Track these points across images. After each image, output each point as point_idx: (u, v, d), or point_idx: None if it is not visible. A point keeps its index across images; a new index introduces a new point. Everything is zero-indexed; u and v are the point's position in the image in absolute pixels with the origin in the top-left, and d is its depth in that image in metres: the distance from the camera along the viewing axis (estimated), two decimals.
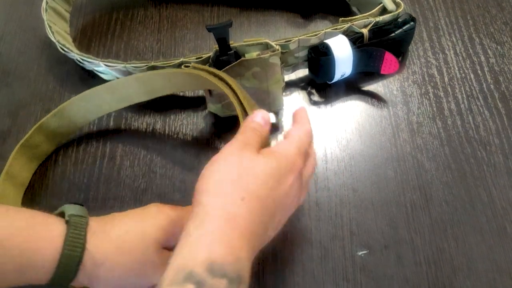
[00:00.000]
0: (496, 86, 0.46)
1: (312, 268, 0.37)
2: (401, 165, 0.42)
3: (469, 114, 0.45)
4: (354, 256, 0.37)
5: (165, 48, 0.50)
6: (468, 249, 0.37)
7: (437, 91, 0.46)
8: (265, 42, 0.39)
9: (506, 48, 0.49)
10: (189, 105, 0.46)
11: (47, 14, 0.47)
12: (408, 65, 0.48)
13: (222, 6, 0.53)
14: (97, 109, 0.43)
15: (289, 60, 0.44)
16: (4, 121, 0.45)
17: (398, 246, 0.38)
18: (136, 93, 0.42)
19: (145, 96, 0.42)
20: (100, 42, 0.51)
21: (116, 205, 0.40)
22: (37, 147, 0.41)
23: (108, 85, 0.41)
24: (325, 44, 0.42)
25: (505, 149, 0.42)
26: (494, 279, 0.36)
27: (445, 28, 0.50)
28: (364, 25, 0.43)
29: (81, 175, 0.42)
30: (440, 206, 0.39)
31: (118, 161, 0.43)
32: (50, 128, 0.42)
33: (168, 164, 0.42)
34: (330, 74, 0.43)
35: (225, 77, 0.36)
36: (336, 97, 0.46)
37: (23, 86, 0.48)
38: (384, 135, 0.43)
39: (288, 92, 0.46)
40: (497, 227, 0.38)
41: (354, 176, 0.41)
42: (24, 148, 0.40)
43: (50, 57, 0.50)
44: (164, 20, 0.52)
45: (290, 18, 0.52)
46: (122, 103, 0.43)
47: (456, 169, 0.41)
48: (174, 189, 0.41)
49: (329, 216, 0.39)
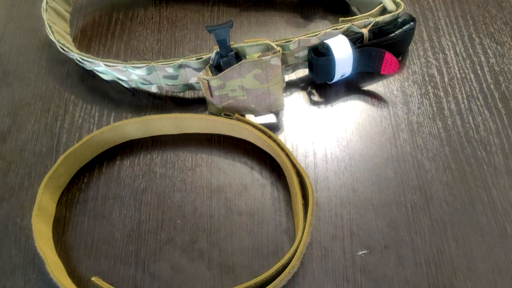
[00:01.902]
0: (496, 86, 0.46)
1: (312, 268, 0.37)
2: (401, 165, 0.42)
3: (469, 114, 0.45)
4: (354, 256, 0.37)
5: (165, 48, 0.50)
6: (469, 250, 0.37)
7: (437, 91, 0.46)
8: (265, 43, 0.39)
9: (506, 48, 0.49)
10: (189, 105, 0.46)
11: (47, 13, 0.47)
12: (408, 65, 0.48)
13: (222, 6, 0.53)
14: (121, 137, 0.43)
15: (289, 60, 0.44)
16: (4, 121, 0.46)
17: (398, 247, 0.38)
18: (167, 128, 0.42)
19: (175, 131, 0.43)
20: (100, 42, 0.51)
21: (116, 204, 0.40)
22: (60, 177, 0.40)
23: (143, 119, 0.41)
24: (325, 44, 0.42)
25: (505, 149, 0.42)
26: (494, 280, 0.36)
27: (445, 28, 0.50)
28: (364, 25, 0.43)
29: (81, 175, 0.42)
30: (440, 207, 0.39)
31: (118, 161, 0.43)
32: (75, 157, 0.41)
33: (168, 164, 0.42)
34: (330, 74, 0.43)
35: (269, 132, 0.38)
36: (336, 97, 0.46)
37: (23, 86, 0.48)
38: (384, 135, 0.43)
39: (288, 92, 0.46)
40: (497, 228, 0.38)
41: (354, 176, 0.41)
42: (51, 180, 0.39)
43: (50, 57, 0.50)
44: (164, 20, 0.52)
45: (290, 18, 0.52)
46: (149, 134, 0.43)
47: (456, 169, 0.41)
48: (174, 189, 0.41)
49: (329, 216, 0.39)
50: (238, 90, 0.41)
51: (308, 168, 0.42)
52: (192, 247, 0.38)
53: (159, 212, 0.40)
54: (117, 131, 0.41)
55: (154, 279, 0.37)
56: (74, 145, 0.40)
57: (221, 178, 0.41)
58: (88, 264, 0.38)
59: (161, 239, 0.39)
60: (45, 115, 0.46)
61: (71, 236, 0.39)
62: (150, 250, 0.38)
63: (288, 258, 0.35)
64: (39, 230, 0.37)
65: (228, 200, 0.40)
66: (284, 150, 0.39)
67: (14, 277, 0.37)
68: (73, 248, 0.38)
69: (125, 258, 0.38)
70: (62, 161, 0.39)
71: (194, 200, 0.40)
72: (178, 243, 0.38)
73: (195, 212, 0.40)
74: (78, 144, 0.40)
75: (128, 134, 0.42)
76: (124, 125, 0.41)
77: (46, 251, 0.36)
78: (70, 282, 0.36)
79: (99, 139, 0.41)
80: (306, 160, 0.42)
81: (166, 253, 0.38)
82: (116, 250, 0.38)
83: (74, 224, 0.40)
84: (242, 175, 0.41)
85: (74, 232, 0.39)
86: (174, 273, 0.37)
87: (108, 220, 0.40)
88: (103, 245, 0.38)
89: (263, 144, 0.40)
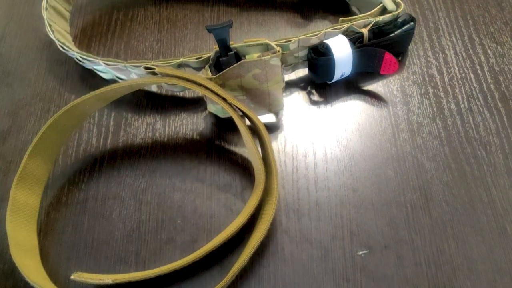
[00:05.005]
0: (496, 86, 0.46)
1: (312, 268, 0.37)
2: (401, 165, 0.42)
3: (469, 114, 0.45)
4: (354, 256, 0.37)
5: (165, 48, 0.50)
6: (468, 250, 0.37)
7: (437, 91, 0.46)
8: (265, 43, 0.39)
9: (506, 48, 0.49)
10: (189, 105, 0.46)
11: (47, 12, 0.47)
12: (408, 65, 0.48)
13: (222, 6, 0.53)
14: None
15: (289, 60, 0.44)
16: (4, 121, 0.46)
17: (398, 246, 0.38)
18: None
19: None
20: (100, 42, 0.51)
21: (116, 204, 0.40)
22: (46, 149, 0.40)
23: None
24: (325, 44, 0.42)
25: (505, 149, 0.42)
26: (494, 280, 0.36)
27: (445, 28, 0.50)
28: (364, 25, 0.43)
29: (81, 175, 0.42)
30: (440, 206, 0.39)
31: (118, 161, 0.43)
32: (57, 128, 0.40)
33: (168, 164, 0.42)
34: (329, 74, 0.43)
35: (198, 79, 0.37)
36: (336, 97, 0.46)
37: (23, 86, 0.48)
38: (384, 135, 0.43)
39: (288, 92, 0.46)
40: (497, 227, 0.38)
41: (354, 176, 0.41)
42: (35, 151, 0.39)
43: (50, 57, 0.50)
44: (164, 20, 0.52)
45: (290, 18, 0.52)
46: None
47: (456, 169, 0.41)
48: (174, 189, 0.41)
49: (329, 216, 0.39)
50: (237, 90, 0.41)
51: (308, 168, 0.42)
52: (192, 247, 0.38)
53: (159, 212, 0.40)
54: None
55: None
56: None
57: (221, 178, 0.41)
58: (88, 264, 0.38)
59: (161, 239, 0.39)
60: (45, 115, 0.46)
61: (71, 236, 0.39)
62: (150, 250, 0.38)
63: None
64: (14, 235, 0.36)
65: (228, 200, 0.40)
66: (210, 89, 0.38)
67: (14, 277, 0.37)
68: (73, 248, 0.38)
69: (125, 258, 0.38)
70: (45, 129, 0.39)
71: (194, 200, 0.40)
72: (178, 243, 0.38)
73: (195, 212, 0.40)
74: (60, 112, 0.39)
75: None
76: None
77: (20, 257, 0.35)
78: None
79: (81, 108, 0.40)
80: (306, 160, 0.42)
81: (166, 253, 0.38)
82: (116, 250, 0.38)
83: (74, 224, 0.39)
84: (242, 174, 0.41)
85: (74, 232, 0.39)
86: (174, 273, 0.37)
87: (108, 220, 0.40)
88: (103, 245, 0.38)
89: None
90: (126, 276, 0.35)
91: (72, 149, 0.44)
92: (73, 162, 0.43)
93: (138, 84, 0.41)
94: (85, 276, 0.35)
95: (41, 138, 0.39)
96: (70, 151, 0.43)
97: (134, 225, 0.39)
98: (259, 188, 0.37)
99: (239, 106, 0.38)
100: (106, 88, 0.39)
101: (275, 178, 0.37)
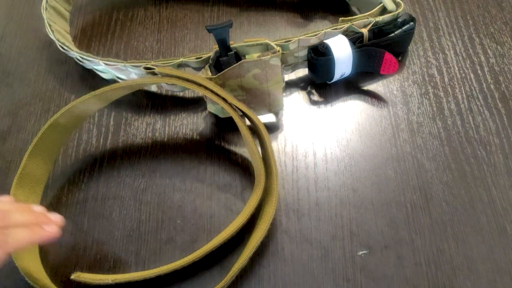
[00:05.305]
0: (496, 86, 0.46)
1: (312, 268, 0.37)
2: (401, 165, 0.42)
3: (469, 114, 0.45)
4: (354, 256, 0.37)
5: (165, 48, 0.50)
6: (468, 250, 0.37)
7: (437, 91, 0.46)
8: (265, 42, 0.39)
9: (506, 48, 0.49)
10: (189, 105, 0.46)
11: (47, 12, 0.47)
12: (408, 65, 0.48)
13: (222, 6, 0.53)
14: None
15: (289, 60, 0.44)
16: (4, 121, 0.46)
17: (398, 246, 0.38)
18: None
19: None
20: (100, 42, 0.51)
21: (116, 204, 0.40)
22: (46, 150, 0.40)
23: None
24: (325, 44, 0.42)
25: (505, 149, 0.42)
26: (494, 280, 0.36)
27: (445, 28, 0.50)
28: (364, 25, 0.43)
29: (81, 175, 0.42)
30: (440, 206, 0.39)
31: (118, 161, 0.43)
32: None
33: (168, 164, 0.42)
34: (329, 74, 0.43)
35: (197, 79, 0.37)
36: (336, 97, 0.46)
37: (23, 86, 0.48)
38: (384, 135, 0.43)
39: (288, 92, 0.46)
40: (497, 227, 0.38)
41: (354, 176, 0.41)
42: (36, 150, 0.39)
43: (50, 57, 0.50)
44: (164, 20, 0.52)
45: (290, 18, 0.52)
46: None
47: (456, 169, 0.41)
48: (174, 189, 0.41)
49: (329, 216, 0.39)
50: (237, 90, 0.41)
51: (308, 168, 0.42)
52: (192, 247, 0.38)
53: (159, 212, 0.40)
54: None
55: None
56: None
57: (221, 178, 0.41)
58: (88, 264, 0.38)
59: (161, 239, 0.39)
60: (45, 115, 0.46)
61: (71, 236, 0.39)
62: (150, 250, 0.38)
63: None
64: None
65: (228, 200, 0.40)
66: (210, 89, 0.38)
67: (14, 277, 0.37)
68: (73, 248, 0.38)
69: (125, 258, 0.38)
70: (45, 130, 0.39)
71: (194, 200, 0.40)
72: (178, 243, 0.38)
73: (195, 212, 0.40)
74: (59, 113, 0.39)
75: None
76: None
77: (20, 257, 0.35)
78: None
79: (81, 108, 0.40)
80: (306, 160, 0.42)
81: (166, 253, 0.38)
82: (116, 250, 0.38)
83: (74, 224, 0.39)
84: (242, 174, 0.41)
85: (74, 232, 0.39)
86: (174, 273, 0.37)
87: (108, 220, 0.40)
88: (103, 245, 0.38)
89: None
90: (126, 276, 0.35)
91: (72, 149, 0.44)
92: (73, 162, 0.43)
93: (138, 84, 0.41)
94: (85, 276, 0.35)
95: (41, 138, 0.39)
96: (70, 151, 0.43)
97: (134, 225, 0.39)
98: (259, 188, 0.37)
99: (239, 106, 0.38)
100: (106, 88, 0.39)
101: (275, 178, 0.37)
